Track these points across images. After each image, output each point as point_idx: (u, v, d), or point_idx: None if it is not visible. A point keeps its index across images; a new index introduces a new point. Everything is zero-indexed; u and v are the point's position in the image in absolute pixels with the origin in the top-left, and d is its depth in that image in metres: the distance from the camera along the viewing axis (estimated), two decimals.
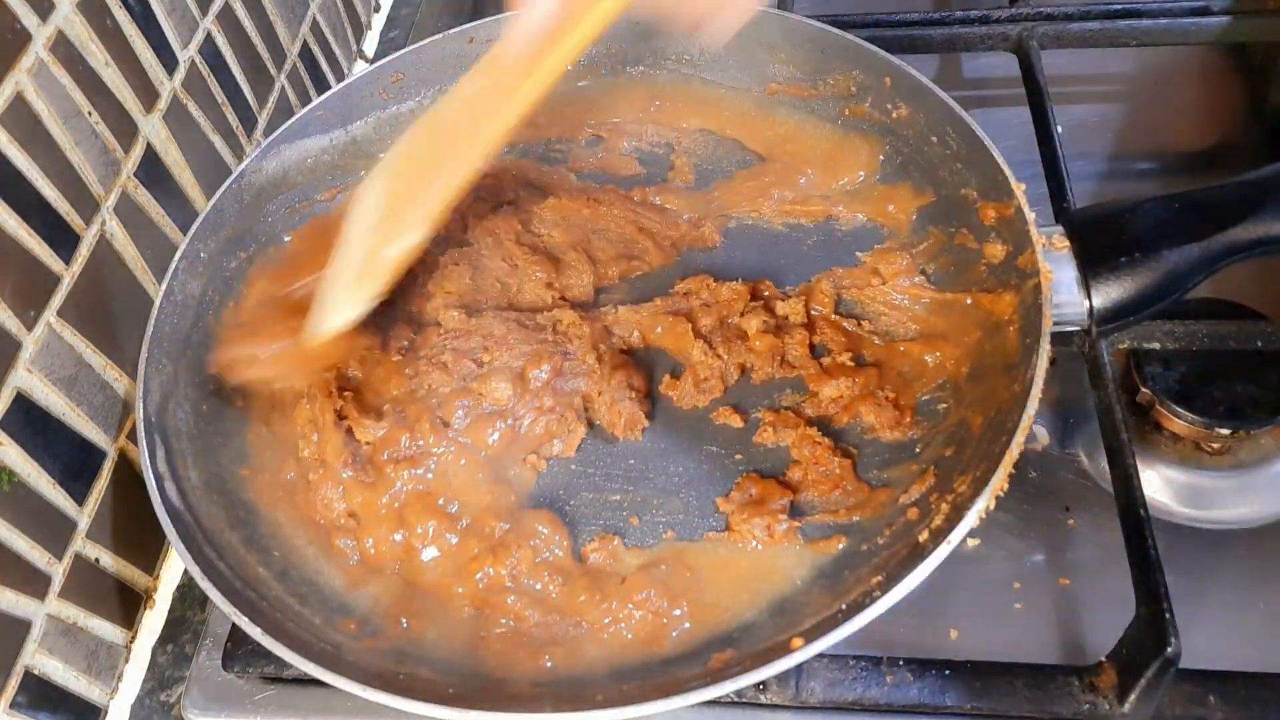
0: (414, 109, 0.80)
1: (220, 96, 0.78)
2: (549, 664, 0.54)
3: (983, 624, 0.58)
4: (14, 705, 0.55)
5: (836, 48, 0.74)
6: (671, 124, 0.81)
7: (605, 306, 0.70)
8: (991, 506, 0.51)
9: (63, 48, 0.61)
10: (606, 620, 0.55)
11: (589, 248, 0.73)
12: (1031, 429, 0.53)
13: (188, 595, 0.67)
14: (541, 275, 0.71)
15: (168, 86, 0.72)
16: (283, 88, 0.88)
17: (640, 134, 0.81)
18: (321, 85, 0.95)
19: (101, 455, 0.64)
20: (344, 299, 0.61)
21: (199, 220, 0.70)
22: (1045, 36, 0.82)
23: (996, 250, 0.63)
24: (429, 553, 0.59)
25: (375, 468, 0.61)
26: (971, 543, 0.60)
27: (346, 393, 0.64)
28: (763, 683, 0.53)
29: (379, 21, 1.08)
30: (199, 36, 0.75)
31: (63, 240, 0.61)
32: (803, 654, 0.48)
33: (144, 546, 0.67)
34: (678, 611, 0.55)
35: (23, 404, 0.57)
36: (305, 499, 0.61)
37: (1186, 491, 0.63)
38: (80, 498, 0.62)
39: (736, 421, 0.63)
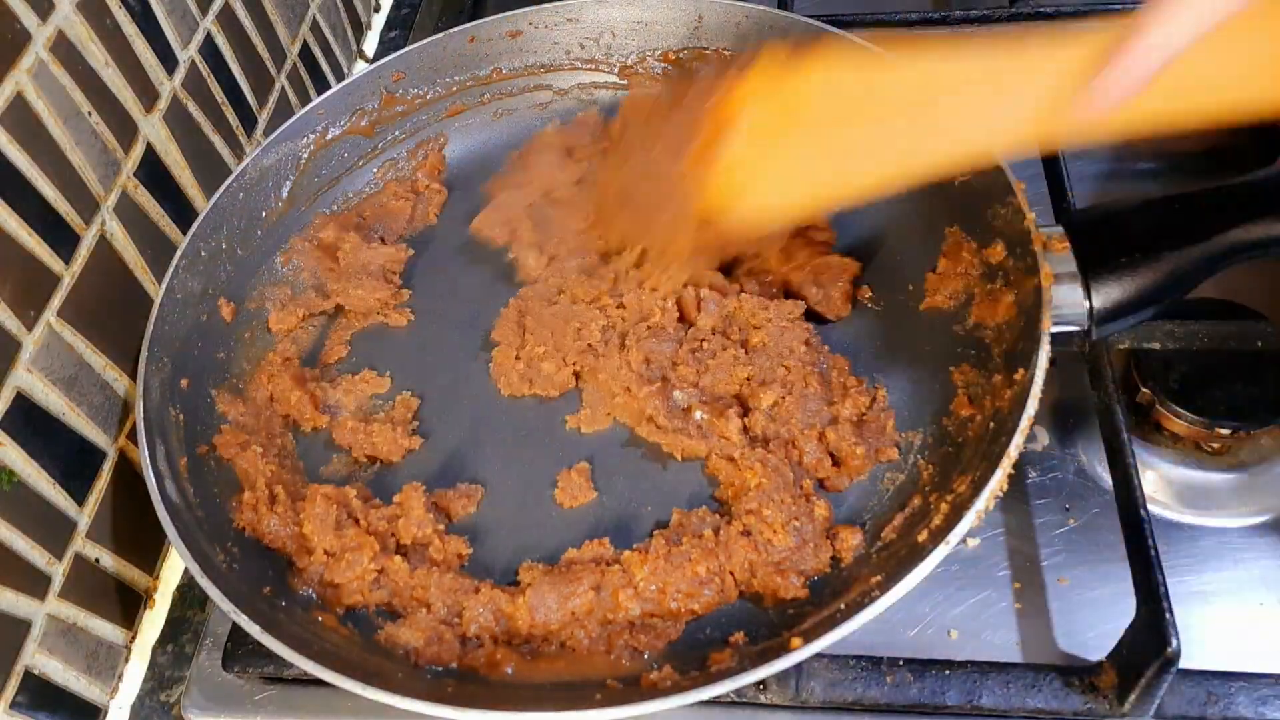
0: None
1: (220, 96, 0.79)
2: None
3: (983, 624, 0.58)
4: (14, 705, 0.55)
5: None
6: None
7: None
8: (991, 507, 0.51)
9: (63, 48, 0.61)
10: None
11: None
12: (1031, 429, 0.53)
13: (188, 595, 0.68)
14: None
15: (168, 86, 0.72)
16: (283, 88, 0.89)
17: None
18: (321, 85, 0.95)
19: (101, 455, 0.64)
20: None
21: (199, 220, 0.70)
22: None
23: (996, 250, 0.63)
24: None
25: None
26: (971, 543, 0.61)
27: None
28: (763, 683, 0.53)
29: (379, 21, 1.08)
30: (199, 36, 0.76)
31: (63, 240, 0.61)
32: (802, 654, 0.48)
33: (144, 546, 0.67)
34: None
35: (23, 404, 0.57)
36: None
37: (1186, 491, 0.63)
38: (80, 498, 0.62)
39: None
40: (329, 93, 0.78)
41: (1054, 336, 0.55)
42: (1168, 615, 0.49)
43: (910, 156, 0.52)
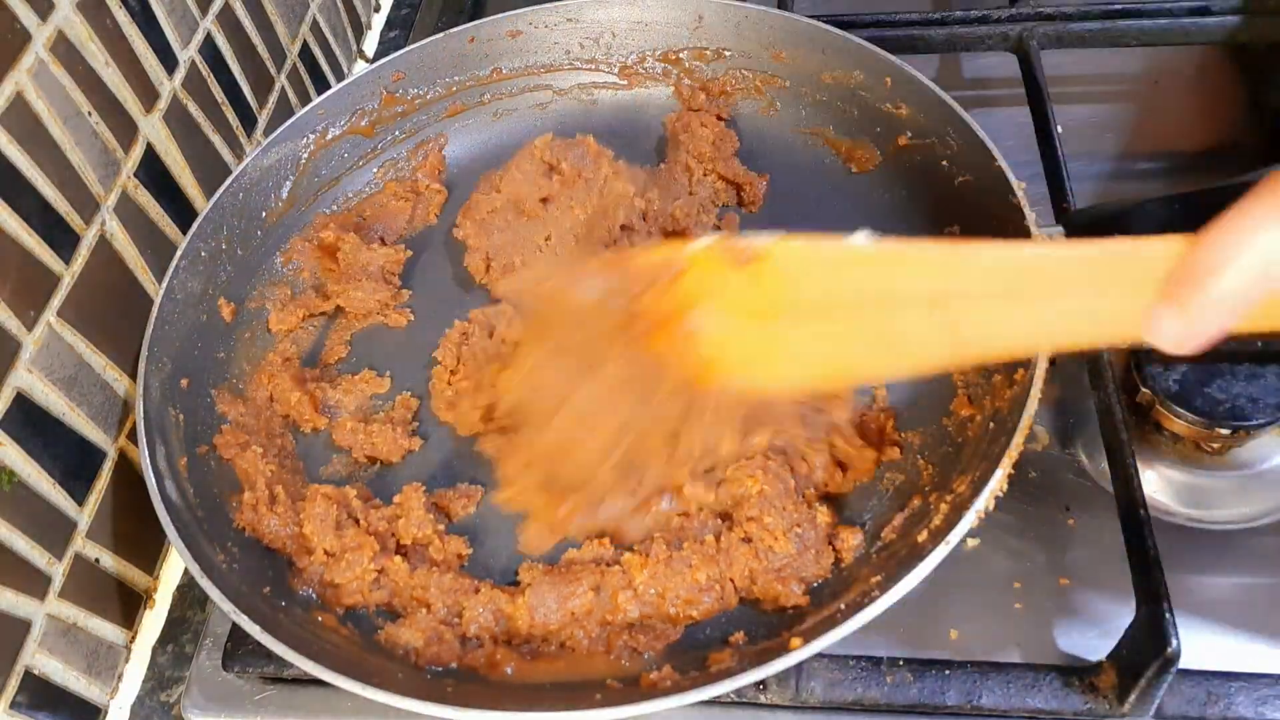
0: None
1: (220, 96, 0.79)
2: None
3: (983, 624, 0.58)
4: (14, 705, 0.55)
5: (837, 48, 0.75)
6: None
7: None
8: (991, 507, 0.51)
9: (63, 48, 0.61)
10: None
11: None
12: (1031, 429, 0.53)
13: (188, 595, 0.68)
14: None
15: (168, 86, 0.72)
16: (283, 88, 0.89)
17: None
18: (321, 85, 0.95)
19: (101, 455, 0.64)
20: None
21: (199, 220, 0.70)
22: (1045, 36, 0.82)
23: None
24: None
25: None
26: (971, 543, 0.61)
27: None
28: (763, 682, 0.53)
29: (379, 21, 1.08)
30: (199, 36, 0.76)
31: (63, 240, 0.61)
32: (802, 654, 0.48)
33: (144, 546, 0.67)
34: None
35: (23, 404, 0.57)
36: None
37: (1186, 491, 0.63)
38: (80, 498, 0.62)
39: None
40: (329, 93, 0.78)
41: None
42: (1168, 615, 0.49)
43: (925, 349, 0.46)
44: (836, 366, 0.50)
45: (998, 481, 0.51)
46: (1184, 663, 0.49)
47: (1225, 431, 0.62)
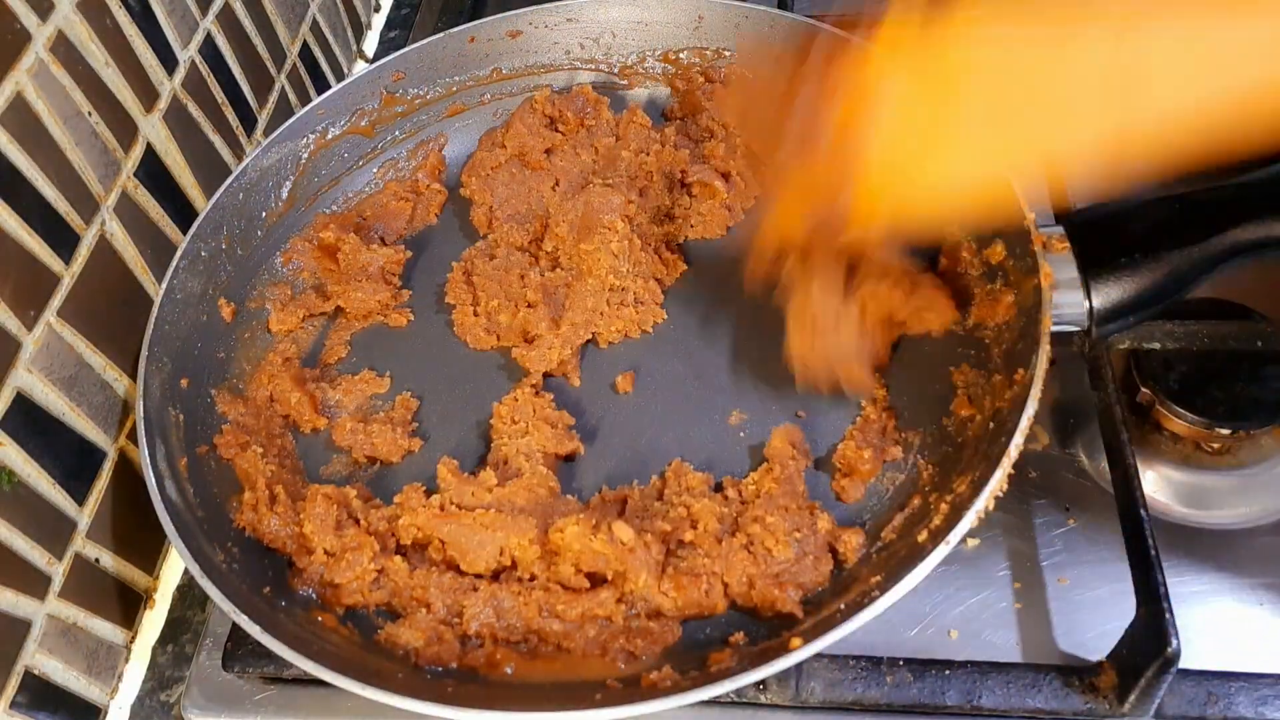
0: None
1: (220, 96, 0.79)
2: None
3: (983, 624, 0.58)
4: (14, 705, 0.55)
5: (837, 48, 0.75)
6: None
7: None
8: (990, 507, 0.51)
9: (63, 48, 0.61)
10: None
11: None
12: (1031, 429, 0.53)
13: (188, 595, 0.68)
14: None
15: (168, 86, 0.72)
16: (283, 88, 0.89)
17: None
18: (321, 85, 0.95)
19: (101, 455, 0.64)
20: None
21: (199, 220, 0.70)
22: None
23: (997, 250, 0.63)
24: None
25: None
26: (971, 543, 0.61)
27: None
28: (763, 682, 0.53)
29: (379, 21, 1.08)
30: (199, 36, 0.76)
31: (63, 240, 0.61)
32: (802, 653, 0.48)
33: (144, 546, 0.67)
34: None
35: (23, 404, 0.57)
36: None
37: (1186, 491, 0.63)
38: (80, 498, 0.62)
39: None
40: (329, 93, 0.78)
41: (1054, 336, 0.56)
42: (1168, 615, 0.49)
43: (1111, 132, 0.45)
44: (1009, 144, 0.49)
45: (998, 481, 0.51)
46: (1184, 663, 0.49)
47: (1225, 431, 0.62)
